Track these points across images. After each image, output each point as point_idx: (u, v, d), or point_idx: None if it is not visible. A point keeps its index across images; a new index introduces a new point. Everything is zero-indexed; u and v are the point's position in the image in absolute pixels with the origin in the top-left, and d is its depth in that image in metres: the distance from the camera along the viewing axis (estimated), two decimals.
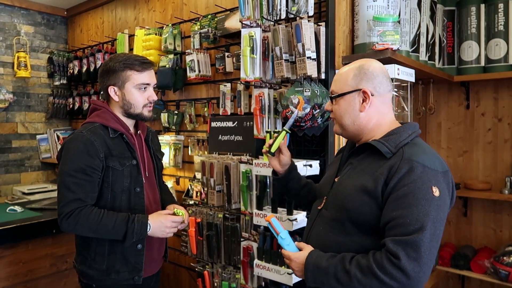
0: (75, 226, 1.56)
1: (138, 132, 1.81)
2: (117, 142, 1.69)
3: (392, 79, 1.92)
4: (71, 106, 4.24)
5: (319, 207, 1.40)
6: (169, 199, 1.98)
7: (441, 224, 1.12)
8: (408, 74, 2.03)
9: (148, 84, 1.73)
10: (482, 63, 2.88)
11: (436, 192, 1.12)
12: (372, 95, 1.28)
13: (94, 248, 1.67)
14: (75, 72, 4.10)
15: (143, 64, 1.70)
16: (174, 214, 1.71)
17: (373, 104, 1.29)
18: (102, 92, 1.79)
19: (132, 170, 1.69)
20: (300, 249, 1.32)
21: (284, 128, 1.57)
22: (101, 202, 1.65)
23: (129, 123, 1.77)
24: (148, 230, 1.61)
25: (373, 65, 1.31)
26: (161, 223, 1.62)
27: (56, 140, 4.30)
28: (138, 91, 1.70)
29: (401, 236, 1.08)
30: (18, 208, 2.67)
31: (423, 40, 2.56)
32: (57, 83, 4.30)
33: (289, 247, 1.34)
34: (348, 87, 1.30)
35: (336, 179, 1.37)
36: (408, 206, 1.10)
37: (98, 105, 1.75)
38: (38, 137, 4.28)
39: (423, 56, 2.58)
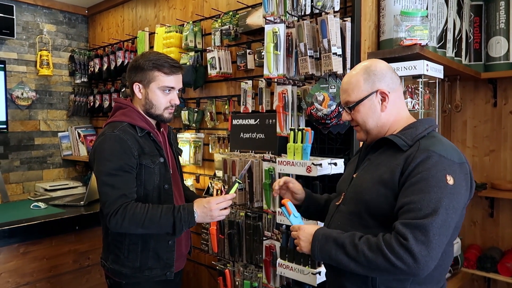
0: (122, 222, 1.51)
1: (161, 129, 1.81)
2: (145, 140, 1.68)
3: (420, 75, 1.87)
4: (91, 104, 4.29)
5: (337, 203, 1.41)
6: (192, 194, 1.98)
7: (453, 212, 1.12)
8: (437, 71, 1.97)
9: (173, 87, 1.71)
10: (511, 60, 2.79)
11: (450, 180, 1.12)
12: (388, 92, 1.30)
13: (127, 246, 1.66)
14: (96, 70, 4.14)
15: (172, 67, 1.68)
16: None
17: (391, 101, 1.31)
18: (123, 90, 1.79)
19: (161, 168, 1.69)
20: None
21: (236, 179, 1.64)
22: (135, 200, 1.63)
23: (153, 121, 1.76)
24: (195, 217, 1.54)
25: (378, 65, 1.34)
26: (205, 208, 1.54)
27: (77, 137, 4.35)
28: (161, 93, 1.69)
29: (411, 220, 1.09)
30: (42, 205, 2.70)
31: (450, 36, 2.49)
32: (78, 81, 4.36)
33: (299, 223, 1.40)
34: (364, 92, 1.31)
35: (354, 175, 1.39)
36: (421, 192, 1.11)
37: (123, 104, 1.74)
38: (59, 134, 4.34)
39: (449, 52, 2.51)
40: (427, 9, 2.14)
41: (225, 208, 1.57)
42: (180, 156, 1.97)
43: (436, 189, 1.11)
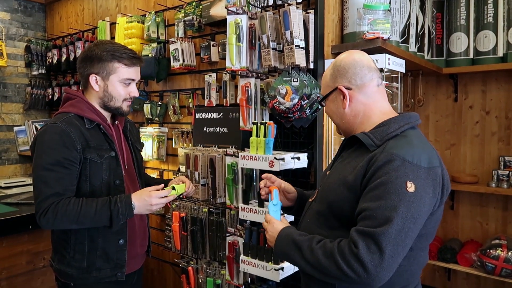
0: (54, 220, 1.45)
1: (116, 122, 1.72)
2: (94, 133, 1.59)
3: (382, 69, 1.87)
4: (50, 97, 4.08)
5: (310, 200, 1.39)
6: (160, 181, 1.90)
7: (412, 222, 1.05)
8: (398, 65, 1.98)
9: (133, 79, 1.65)
10: (471, 55, 2.86)
11: (411, 187, 1.05)
12: (349, 89, 1.24)
13: (73, 245, 1.58)
14: (54, 61, 3.94)
15: (132, 58, 1.62)
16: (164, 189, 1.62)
17: (354, 98, 1.25)
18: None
19: (111, 162, 1.61)
20: None
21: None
22: (79, 196, 1.55)
23: (106, 113, 1.67)
24: (133, 209, 1.51)
25: (345, 59, 1.27)
26: (145, 201, 1.52)
27: (35, 132, 4.14)
28: (122, 85, 1.62)
29: (365, 227, 1.05)
30: None
31: (412, 31, 2.51)
32: (35, 72, 4.14)
33: (275, 214, 1.36)
34: (329, 88, 1.30)
35: (327, 173, 1.36)
36: (378, 199, 1.06)
37: (72, 94, 1.65)
38: (15, 129, 4.11)
39: (412, 47, 2.53)
40: (390, 3, 2.14)
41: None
42: (141, 151, 1.89)
43: (394, 197, 1.05)
